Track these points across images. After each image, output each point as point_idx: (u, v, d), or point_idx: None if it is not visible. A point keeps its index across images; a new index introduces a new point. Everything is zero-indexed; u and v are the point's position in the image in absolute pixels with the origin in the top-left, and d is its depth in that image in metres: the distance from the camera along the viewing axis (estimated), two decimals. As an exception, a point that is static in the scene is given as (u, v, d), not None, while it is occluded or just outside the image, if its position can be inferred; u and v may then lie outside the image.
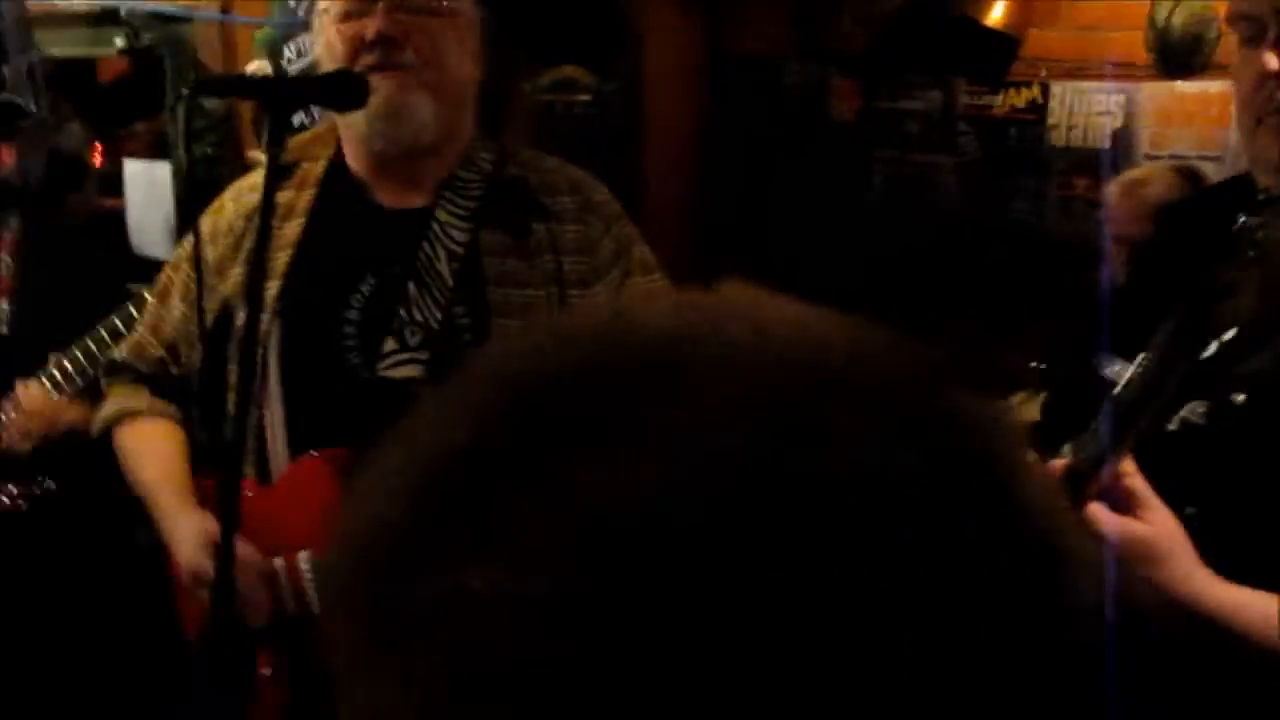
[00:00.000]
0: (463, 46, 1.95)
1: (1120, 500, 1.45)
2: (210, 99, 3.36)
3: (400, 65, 1.88)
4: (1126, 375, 1.42)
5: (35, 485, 2.54)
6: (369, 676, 0.47)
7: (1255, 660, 1.40)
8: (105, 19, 3.94)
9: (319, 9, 1.97)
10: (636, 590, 0.43)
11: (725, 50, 4.64)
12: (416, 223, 1.96)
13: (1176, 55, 3.81)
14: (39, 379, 2.53)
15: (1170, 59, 3.83)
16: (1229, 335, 1.34)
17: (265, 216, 1.73)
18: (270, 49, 3.45)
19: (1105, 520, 1.42)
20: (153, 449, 2.07)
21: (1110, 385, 1.49)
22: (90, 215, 3.08)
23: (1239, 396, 1.47)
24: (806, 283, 0.63)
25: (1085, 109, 4.05)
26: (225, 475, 1.72)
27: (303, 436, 1.94)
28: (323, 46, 1.96)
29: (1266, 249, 1.40)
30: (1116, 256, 2.99)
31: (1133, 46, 3.94)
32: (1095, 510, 1.42)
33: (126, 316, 2.46)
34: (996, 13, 4.21)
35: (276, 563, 1.94)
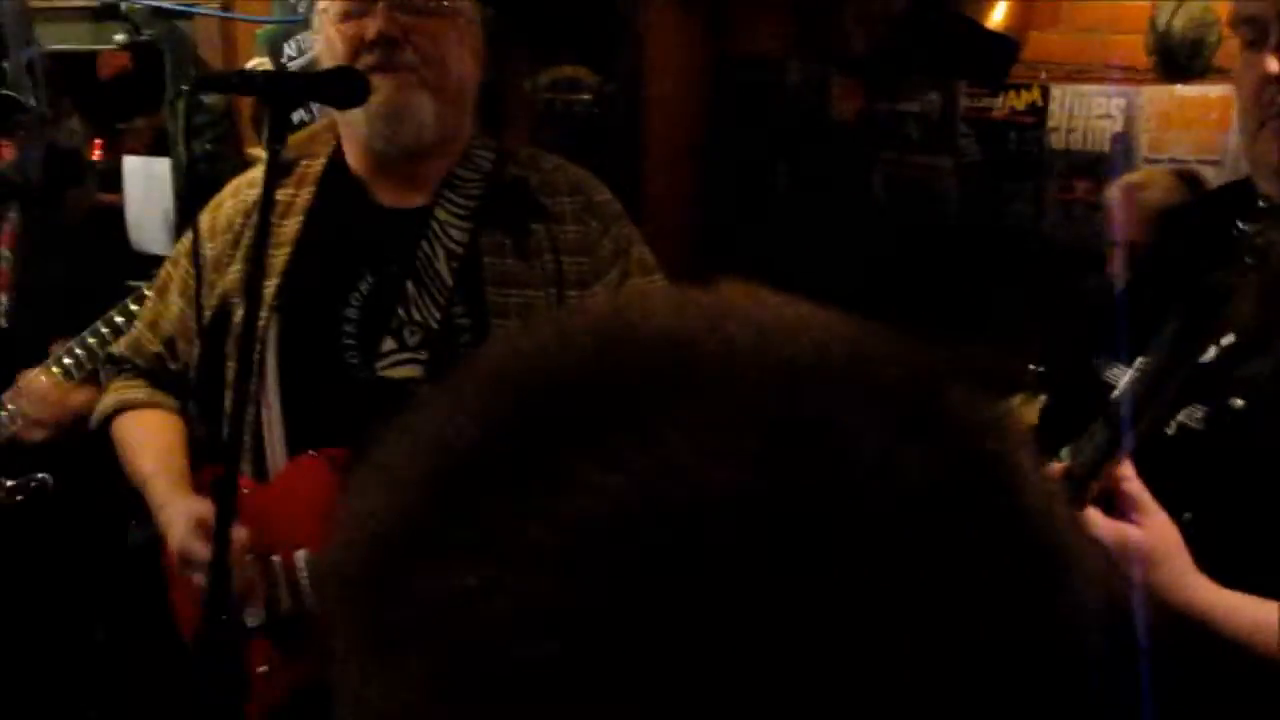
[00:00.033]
0: (463, 46, 1.94)
1: (1117, 504, 1.45)
2: (210, 95, 3.35)
3: (400, 65, 1.88)
4: (1125, 379, 1.42)
5: (29, 479, 2.53)
6: (367, 675, 0.47)
7: (1249, 666, 1.40)
8: (106, 14, 3.93)
9: (319, 8, 1.97)
10: (634, 591, 0.43)
11: (726, 50, 4.64)
12: (416, 222, 1.96)
13: (1177, 59, 3.81)
14: (46, 367, 2.52)
15: (1171, 62, 3.83)
16: (1228, 340, 1.34)
17: (264, 213, 1.73)
18: (270, 46, 3.45)
19: (1101, 525, 1.42)
20: (149, 437, 2.07)
21: (1109, 389, 1.49)
22: (89, 211, 3.07)
23: (1237, 401, 1.47)
24: (806, 283, 0.63)
25: (1085, 112, 4.04)
26: (222, 472, 1.72)
27: (301, 435, 1.94)
28: (323, 46, 1.95)
29: (1265, 255, 1.40)
30: (1115, 260, 2.99)
31: (1133, 49, 3.93)
32: (1091, 514, 1.42)
33: (126, 311, 2.45)
34: (997, 15, 4.21)
35: (273, 560, 1.93)
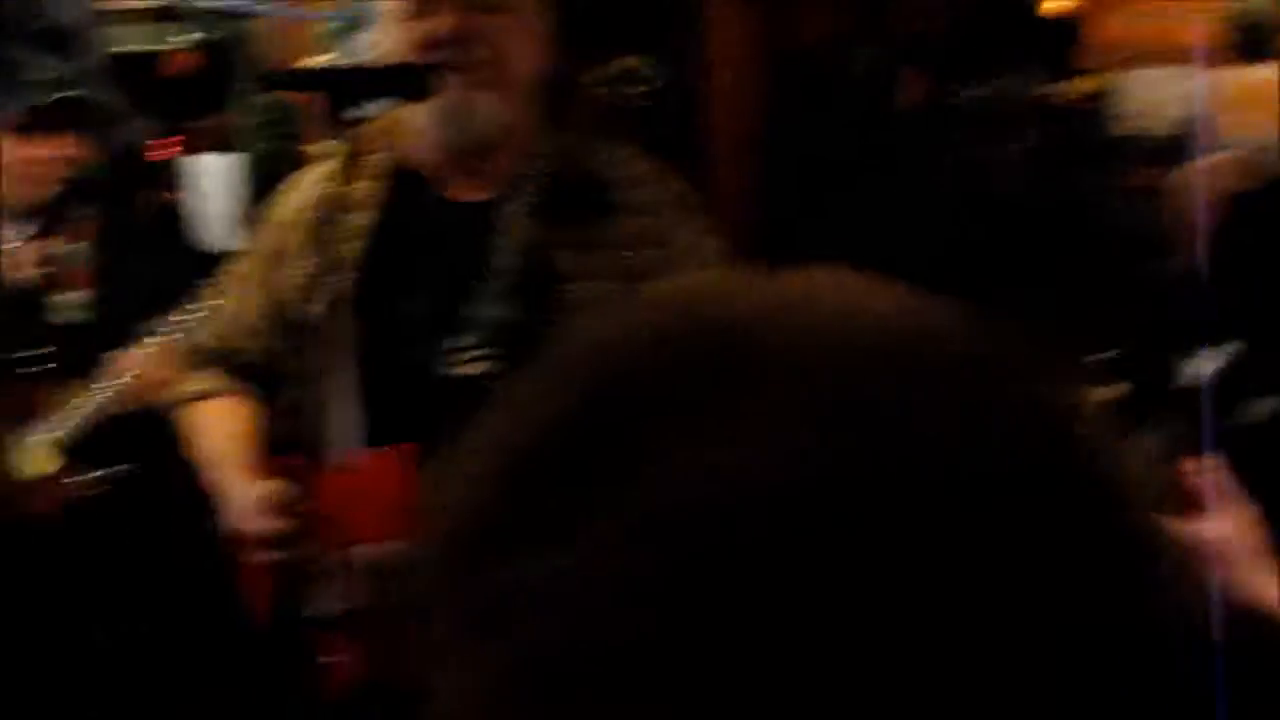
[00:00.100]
0: (527, 41, 1.94)
1: (1192, 498, 1.42)
2: (275, 92, 3.39)
3: (466, 63, 1.88)
4: (1207, 367, 1.39)
5: (114, 470, 2.56)
6: (455, 665, 0.47)
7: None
8: (170, 14, 3.99)
9: (384, 7, 1.98)
10: (712, 577, 0.43)
11: (789, 38, 4.62)
12: (484, 216, 1.96)
13: (1252, 40, 3.74)
14: (140, 347, 2.52)
15: (1245, 44, 3.76)
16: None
17: (334, 208, 1.74)
18: (334, 43, 3.48)
19: (1174, 519, 1.39)
20: (218, 425, 2.09)
21: (1187, 376, 1.46)
22: (157, 209, 3.12)
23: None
24: (872, 273, 0.62)
25: (1155, 96, 3.99)
26: (294, 463, 1.73)
27: (372, 430, 1.95)
28: (388, 45, 1.96)
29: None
30: (1187, 246, 2.94)
31: (1204, 31, 3.88)
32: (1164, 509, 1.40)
33: (197, 307, 2.48)
34: (1063, -1, 4.16)
35: (344, 553, 1.95)
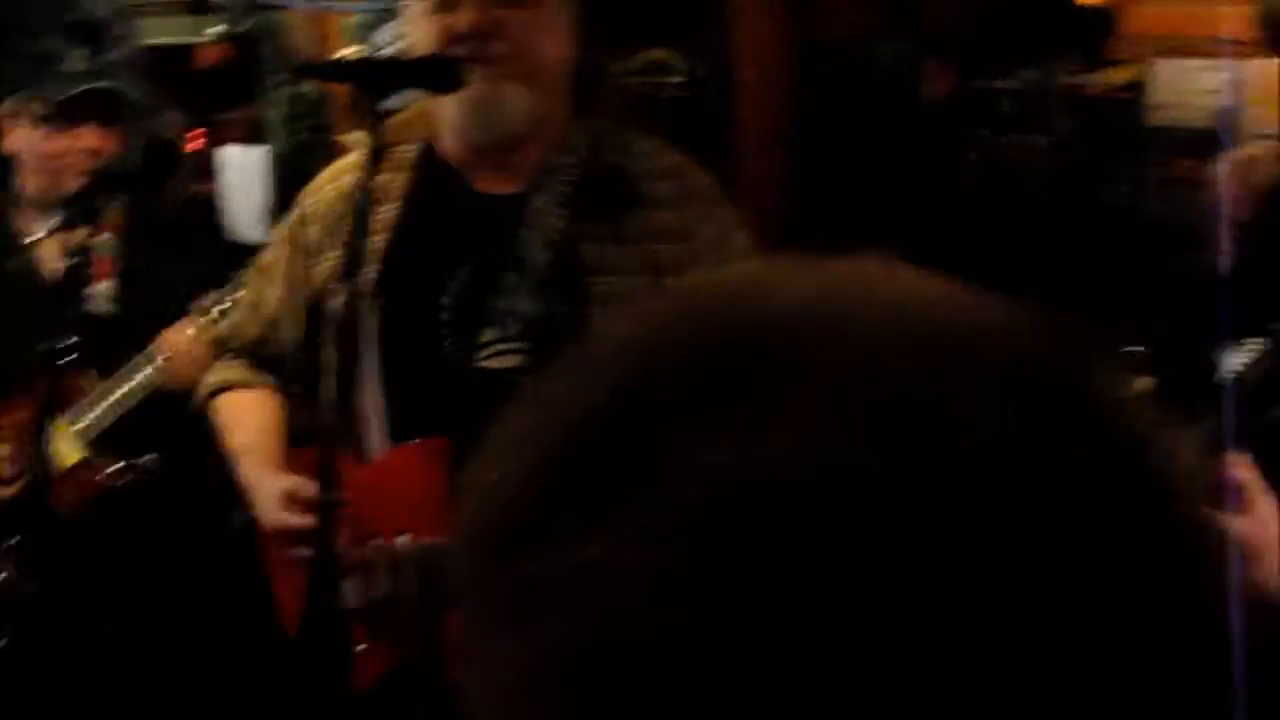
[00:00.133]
0: (555, 33, 1.94)
1: (1229, 493, 1.41)
2: (305, 84, 3.40)
3: (493, 56, 1.88)
4: (1241, 361, 1.38)
5: (137, 461, 2.57)
6: (486, 658, 0.47)
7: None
8: (201, 7, 4.00)
9: (410, 1, 1.97)
10: (744, 572, 0.43)
11: (815, 31, 4.60)
12: (512, 209, 1.96)
13: (1285, 31, 3.70)
14: (170, 335, 2.51)
15: (1278, 36, 3.72)
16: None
17: (362, 199, 1.75)
18: (363, 35, 3.48)
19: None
20: (244, 417, 2.09)
21: (1222, 371, 1.45)
22: (187, 201, 3.13)
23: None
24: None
25: (1188, 87, 3.95)
26: (324, 458, 1.73)
27: (400, 423, 1.95)
28: (414, 38, 1.96)
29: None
30: (1222, 239, 2.92)
31: (1238, 21, 3.84)
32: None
33: (225, 299, 2.48)
34: (1094, -12, 4.13)
35: (372, 544, 1.95)
